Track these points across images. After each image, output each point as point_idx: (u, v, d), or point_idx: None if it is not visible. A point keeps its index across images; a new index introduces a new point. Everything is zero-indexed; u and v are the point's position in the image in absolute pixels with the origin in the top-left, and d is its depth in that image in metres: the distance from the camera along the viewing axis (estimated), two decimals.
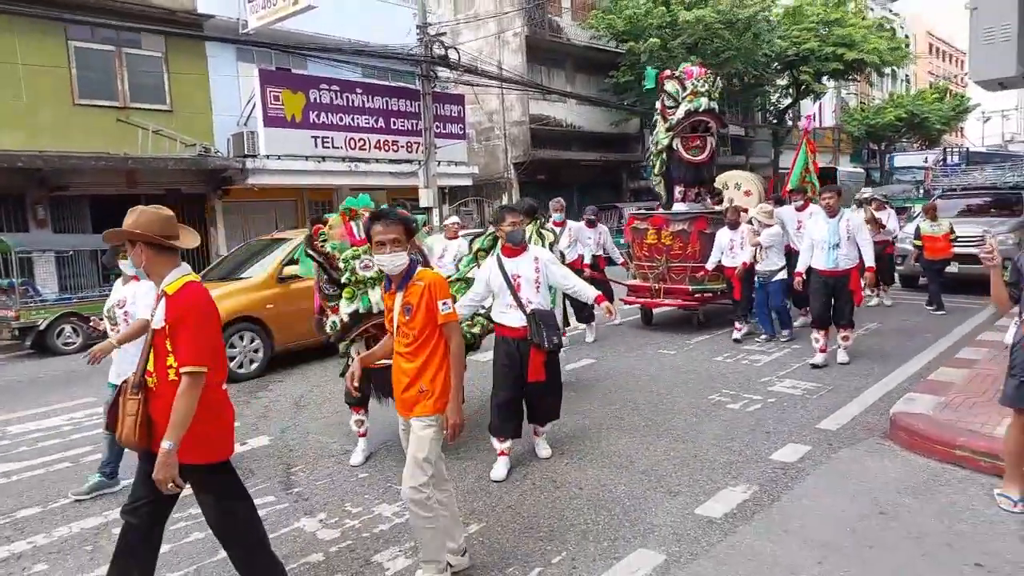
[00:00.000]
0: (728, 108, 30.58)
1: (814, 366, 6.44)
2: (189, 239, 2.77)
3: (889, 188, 21.63)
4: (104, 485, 4.32)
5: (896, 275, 10.70)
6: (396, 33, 16.69)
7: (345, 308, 4.31)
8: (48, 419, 6.16)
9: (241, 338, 7.41)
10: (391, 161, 16.51)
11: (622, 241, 10.79)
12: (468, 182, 19.55)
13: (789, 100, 31.15)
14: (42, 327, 9.86)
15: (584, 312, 7.94)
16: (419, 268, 3.03)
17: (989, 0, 3.86)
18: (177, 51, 14.28)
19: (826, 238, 6.32)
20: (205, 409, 2.52)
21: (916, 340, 7.49)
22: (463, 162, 18.92)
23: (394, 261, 2.92)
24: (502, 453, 4.36)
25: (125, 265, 4.19)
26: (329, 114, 15.12)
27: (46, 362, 9.30)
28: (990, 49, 3.84)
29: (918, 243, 9.41)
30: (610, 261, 8.84)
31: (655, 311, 9.16)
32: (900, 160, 25.84)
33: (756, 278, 7.69)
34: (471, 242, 5.09)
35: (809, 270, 6.58)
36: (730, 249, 7.84)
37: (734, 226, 7.84)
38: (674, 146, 8.62)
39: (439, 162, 17.18)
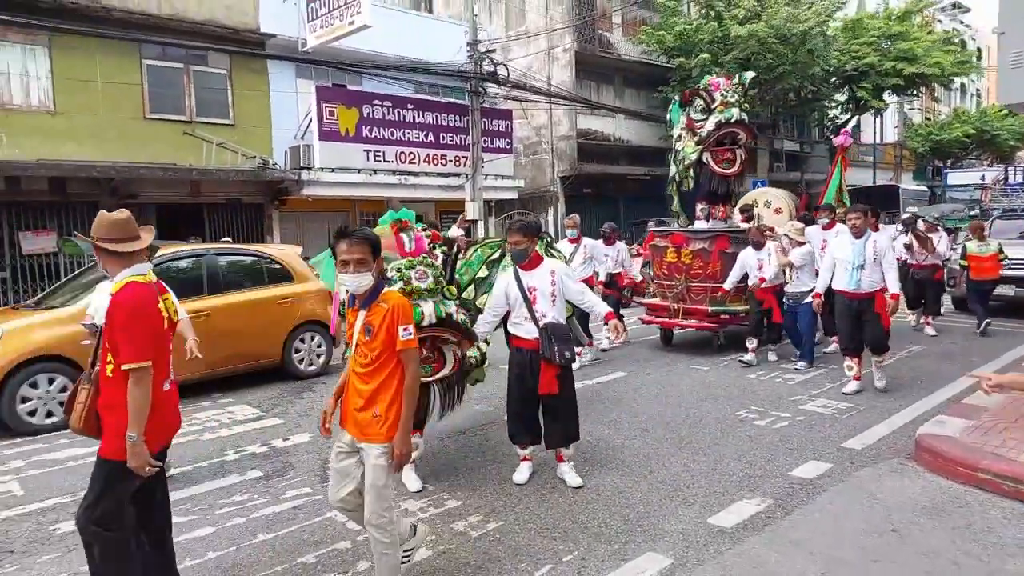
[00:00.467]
0: (783, 123, 30.20)
1: (846, 394, 6.23)
2: (141, 242, 2.85)
3: (939, 207, 20.50)
4: None
5: (947, 298, 10.42)
6: (447, 50, 17.16)
7: None
8: None
9: (35, 386, 5.97)
10: (439, 175, 16.93)
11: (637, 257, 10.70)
12: (514, 195, 19.85)
13: (848, 115, 30.54)
14: None
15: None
16: (385, 289, 2.99)
17: (1016, 24, 3.88)
18: (240, 68, 15.02)
19: (850, 259, 6.14)
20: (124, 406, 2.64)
21: (959, 364, 7.33)
22: (509, 176, 19.23)
23: (358, 281, 2.86)
24: (524, 459, 4.52)
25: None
26: (381, 129, 15.65)
27: None
28: (1016, 74, 3.87)
29: (964, 263, 9.19)
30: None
31: (675, 332, 8.97)
32: (954, 177, 24.27)
33: (785, 300, 7.52)
34: (477, 250, 5.02)
35: (831, 293, 6.45)
36: (758, 269, 7.61)
37: (759, 246, 7.62)
38: (704, 159, 8.52)
39: (486, 175, 17.52)
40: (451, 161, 17.17)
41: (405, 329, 2.86)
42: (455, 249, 4.66)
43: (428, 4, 24.99)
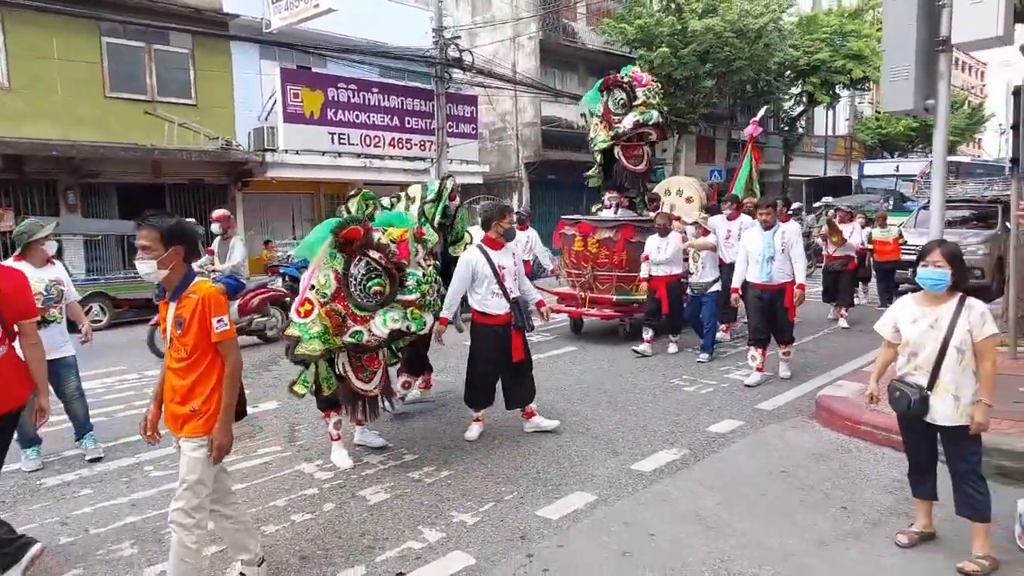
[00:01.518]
0: (740, 114, 31.15)
1: (747, 386, 6.16)
2: None
3: (853, 199, 20.11)
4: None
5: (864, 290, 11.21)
6: (413, 35, 17.42)
7: (391, 323, 4.10)
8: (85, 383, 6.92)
9: None
10: (404, 158, 17.24)
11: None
12: (479, 180, 20.26)
13: (801, 108, 31.63)
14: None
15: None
16: (195, 280, 2.87)
17: (894, 44, 4.51)
18: (203, 48, 15.07)
19: (760, 250, 6.13)
20: None
21: (876, 338, 8.05)
22: (475, 161, 19.63)
23: (142, 268, 2.79)
24: (476, 420, 5.04)
25: (47, 249, 4.65)
26: (346, 112, 15.87)
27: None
28: (896, 85, 4.49)
29: (870, 246, 10.07)
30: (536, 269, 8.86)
31: (585, 320, 8.92)
32: (869, 168, 23.68)
33: (689, 290, 7.47)
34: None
35: (745, 285, 6.40)
36: (657, 254, 7.45)
37: (664, 232, 7.42)
38: (615, 154, 8.71)
39: (451, 160, 17.90)
40: (416, 145, 17.50)
41: (219, 320, 2.78)
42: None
43: None
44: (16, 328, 3.25)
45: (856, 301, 9.94)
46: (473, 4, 23.12)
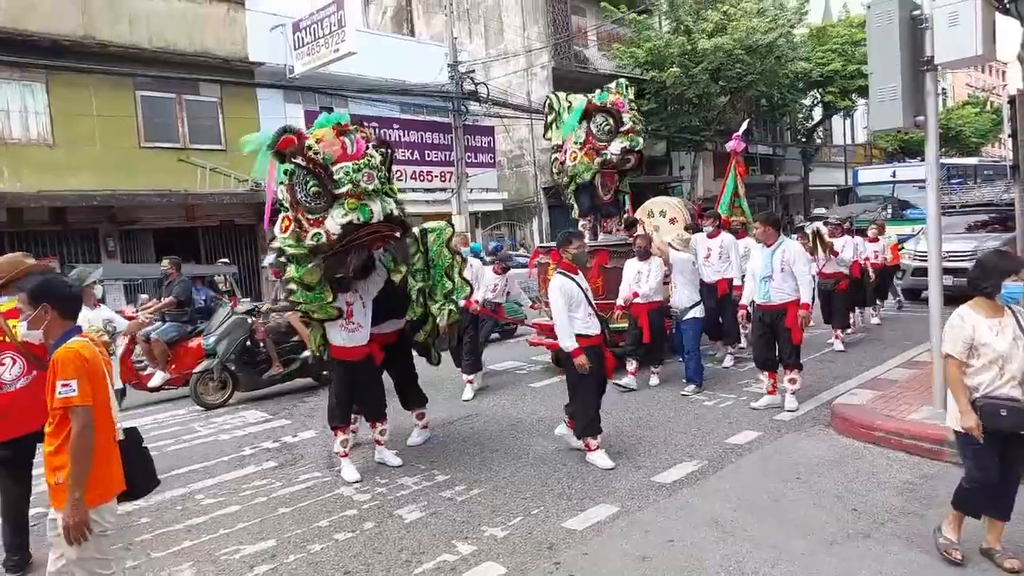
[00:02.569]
0: (756, 128, 31.29)
1: (753, 408, 6.02)
2: None
3: (848, 208, 19.16)
4: None
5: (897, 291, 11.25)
6: (430, 71, 18.01)
7: (339, 219, 4.32)
8: (138, 419, 7.33)
9: None
10: (426, 190, 17.74)
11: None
12: (499, 207, 20.71)
13: (817, 118, 31.71)
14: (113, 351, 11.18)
15: (469, 361, 7.35)
16: (73, 339, 2.77)
17: (881, 66, 4.76)
18: (231, 96, 15.77)
19: (759, 269, 5.96)
20: None
21: (893, 347, 8.17)
22: (494, 188, 20.09)
23: (21, 331, 2.81)
24: (598, 447, 4.93)
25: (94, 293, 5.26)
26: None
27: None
28: (883, 106, 4.73)
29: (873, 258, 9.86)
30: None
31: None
32: (865, 175, 22.32)
33: (672, 317, 7.07)
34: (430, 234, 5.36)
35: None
36: (636, 282, 6.91)
37: (644, 256, 6.90)
38: (596, 182, 8.24)
39: (471, 189, 18.37)
40: (437, 177, 18.00)
41: (65, 384, 2.62)
42: (390, 151, 4.93)
43: (410, 27, 25.93)
44: None
45: (853, 322, 9.28)
46: (486, 38, 23.77)
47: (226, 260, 14.30)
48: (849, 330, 8.95)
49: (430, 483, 4.82)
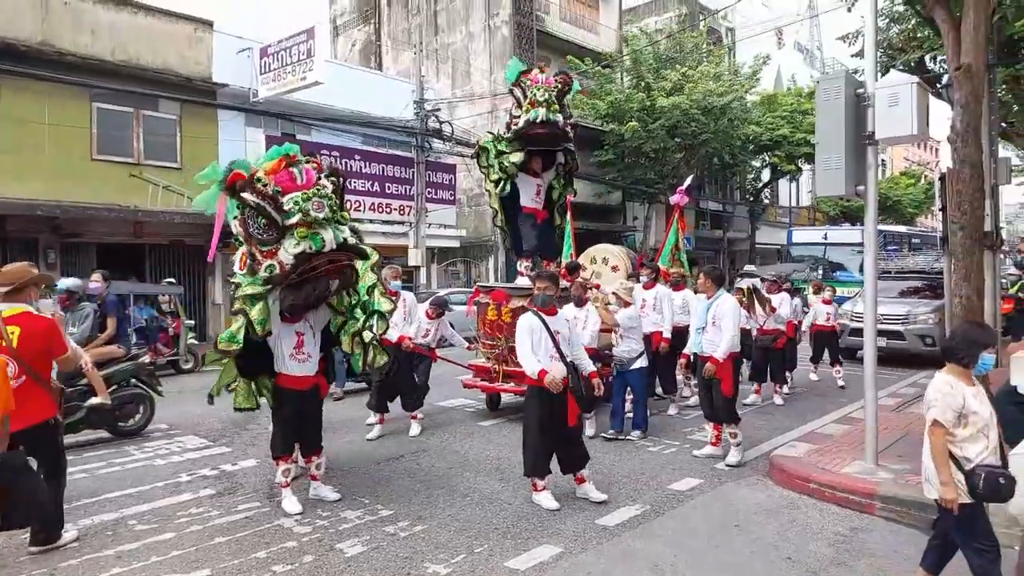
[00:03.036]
0: (708, 184, 32.46)
1: (695, 456, 6.12)
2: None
3: (779, 268, 19.66)
4: None
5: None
6: (395, 106, 18.21)
7: (291, 249, 4.37)
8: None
9: None
10: (384, 222, 17.75)
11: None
12: (456, 244, 20.83)
13: (765, 180, 33.14)
14: None
15: (411, 398, 7.24)
16: None
17: (827, 137, 5.12)
18: (191, 114, 15.58)
19: (697, 320, 6.17)
20: None
21: (832, 402, 8.50)
22: (452, 225, 20.23)
23: None
24: (543, 488, 4.95)
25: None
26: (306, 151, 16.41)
27: None
28: (828, 174, 5.06)
29: (806, 309, 10.38)
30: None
31: (502, 396, 8.18)
32: (799, 236, 22.94)
33: (613, 364, 6.88)
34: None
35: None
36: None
37: (580, 303, 6.75)
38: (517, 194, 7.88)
39: (429, 224, 18.47)
40: (396, 210, 18.05)
41: None
42: (341, 179, 4.90)
43: (378, 62, 26.22)
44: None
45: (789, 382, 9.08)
46: (453, 78, 24.20)
47: (172, 280, 13.97)
48: (786, 388, 8.91)
49: (373, 517, 4.76)
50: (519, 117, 7.63)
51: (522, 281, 8.05)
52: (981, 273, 7.59)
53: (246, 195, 4.41)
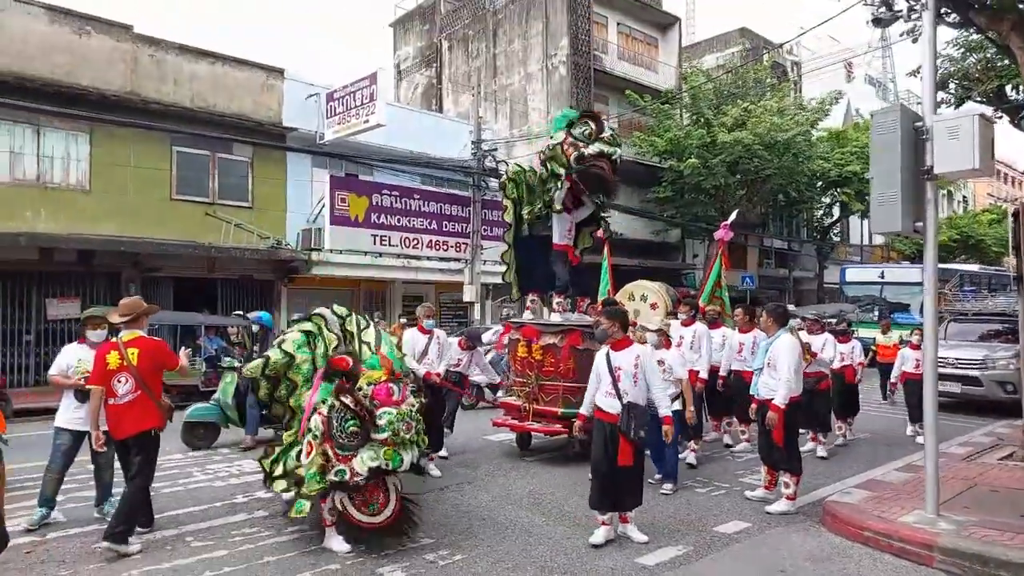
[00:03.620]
0: (772, 222, 31.77)
1: (747, 499, 5.95)
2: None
3: (828, 307, 18.76)
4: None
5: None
6: (454, 146, 18.77)
7: (368, 461, 4.45)
8: None
9: None
10: (441, 259, 18.13)
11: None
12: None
13: (834, 218, 32.18)
14: None
15: (432, 438, 6.48)
16: None
17: (882, 172, 4.99)
18: (262, 156, 16.47)
19: (756, 361, 6.10)
20: None
21: (897, 449, 8.08)
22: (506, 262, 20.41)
23: None
24: (603, 523, 4.91)
25: (97, 335, 5.47)
26: (388, 216, 16.97)
27: None
28: (883, 209, 4.93)
29: (874, 348, 10.48)
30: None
31: (532, 436, 7.95)
32: (852, 274, 21.50)
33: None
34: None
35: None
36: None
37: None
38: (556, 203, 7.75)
39: (484, 261, 18.71)
40: (452, 247, 18.42)
41: None
42: (422, 402, 5.12)
43: (438, 104, 27.07)
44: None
45: (839, 432, 8.49)
46: (511, 118, 24.73)
47: (240, 312, 14.55)
48: (834, 433, 8.31)
49: (415, 545, 4.82)
50: (586, 143, 7.45)
51: (555, 317, 7.91)
52: None
53: (345, 399, 4.56)
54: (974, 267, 27.91)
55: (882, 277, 20.22)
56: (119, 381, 4.89)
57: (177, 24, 71.74)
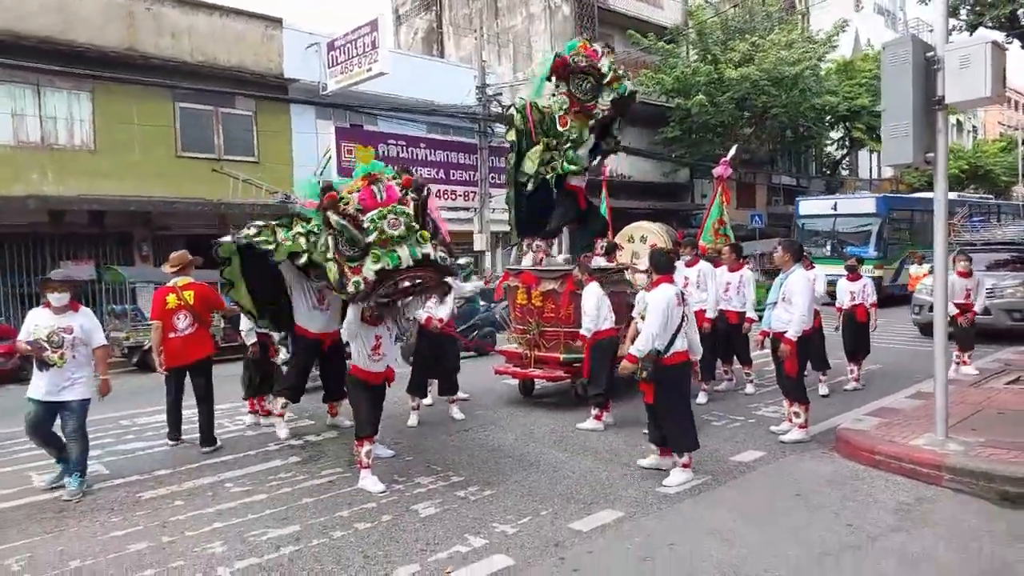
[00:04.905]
0: (780, 159, 31.41)
1: (773, 432, 6.02)
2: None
3: (770, 243, 17.84)
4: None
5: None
6: (458, 93, 18.48)
7: (371, 266, 4.49)
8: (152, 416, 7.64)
9: None
10: (449, 208, 18.10)
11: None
12: None
13: (844, 152, 31.77)
14: (147, 347, 11.56)
15: (446, 383, 7.05)
16: None
17: (894, 104, 4.97)
18: (265, 110, 16.32)
19: (768, 296, 6.21)
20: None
21: (909, 378, 8.20)
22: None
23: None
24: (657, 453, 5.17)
25: (56, 298, 5.04)
26: (395, 166, 16.86)
27: (148, 376, 10.95)
28: (895, 142, 4.93)
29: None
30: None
31: (535, 382, 7.93)
32: (806, 207, 20.05)
33: None
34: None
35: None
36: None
37: (581, 287, 6.73)
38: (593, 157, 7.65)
39: (493, 209, 18.68)
40: (461, 196, 18.39)
41: None
42: (424, 192, 4.94)
43: (440, 49, 26.55)
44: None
45: (851, 376, 8.07)
46: (514, 61, 24.26)
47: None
48: (846, 376, 8.12)
49: (446, 483, 5.06)
50: (592, 100, 7.27)
51: (555, 261, 7.79)
52: None
53: (331, 215, 4.63)
54: (972, 196, 27.16)
55: (835, 209, 19.04)
56: (178, 318, 6.00)
57: None
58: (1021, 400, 6.51)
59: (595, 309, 6.46)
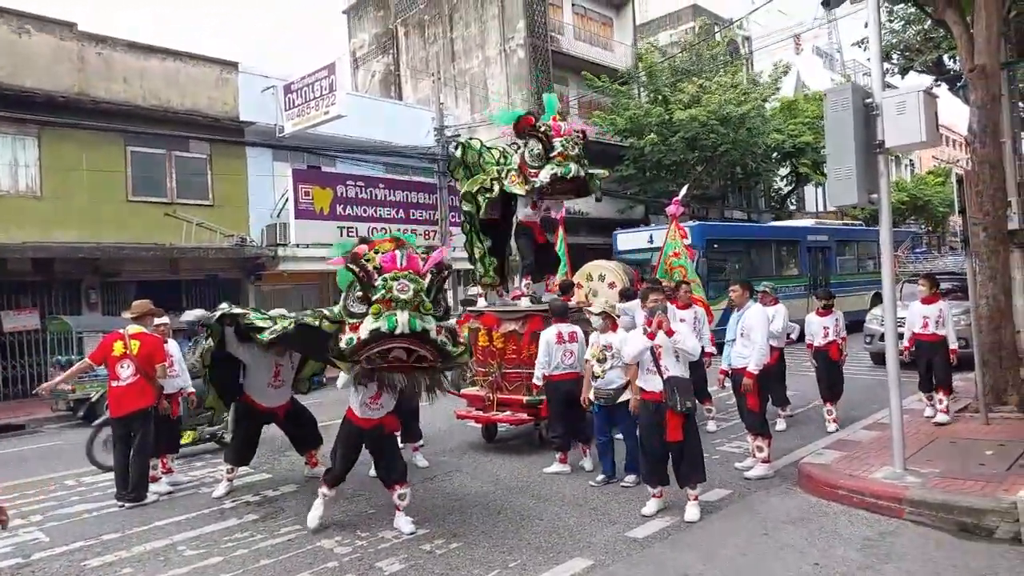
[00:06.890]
0: (731, 195, 32.34)
1: (741, 471, 6.00)
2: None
3: None
4: None
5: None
6: (416, 134, 18.63)
7: (368, 325, 4.36)
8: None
9: None
10: None
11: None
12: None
13: (791, 186, 32.92)
14: (94, 399, 11.09)
15: (408, 428, 6.72)
16: None
17: (837, 148, 5.21)
18: (220, 153, 16.16)
19: (727, 333, 6.36)
20: None
21: (861, 409, 8.38)
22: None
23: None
24: (655, 496, 5.14)
25: None
26: (354, 207, 16.81)
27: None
28: (840, 183, 5.15)
29: None
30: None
31: (498, 426, 7.80)
32: (624, 240, 18.62)
33: (592, 397, 6.00)
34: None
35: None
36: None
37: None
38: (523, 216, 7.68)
39: (454, 248, 18.69)
40: (421, 235, 18.35)
41: None
42: (445, 273, 4.86)
43: (398, 91, 26.80)
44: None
45: (829, 418, 7.64)
46: (472, 103, 24.62)
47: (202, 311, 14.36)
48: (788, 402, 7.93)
49: (410, 536, 4.92)
50: (537, 169, 7.19)
51: (524, 303, 7.65)
52: (1008, 272, 7.60)
53: (352, 265, 4.55)
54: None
55: (651, 242, 17.42)
56: (122, 366, 6.00)
57: (118, 20, 69.30)
58: (970, 428, 6.70)
59: (545, 355, 6.41)
